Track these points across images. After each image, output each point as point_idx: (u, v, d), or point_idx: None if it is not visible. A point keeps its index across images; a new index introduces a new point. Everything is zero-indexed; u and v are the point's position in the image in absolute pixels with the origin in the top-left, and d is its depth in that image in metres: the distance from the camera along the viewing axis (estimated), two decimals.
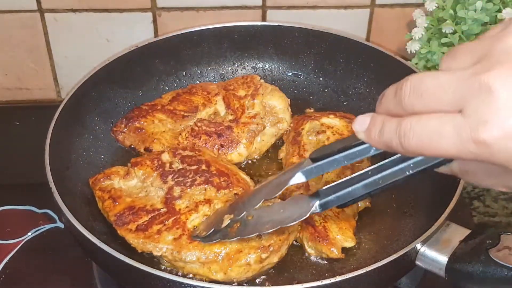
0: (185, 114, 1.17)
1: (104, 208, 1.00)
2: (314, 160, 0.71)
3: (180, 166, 1.04)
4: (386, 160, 0.67)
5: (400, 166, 0.66)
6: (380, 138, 0.58)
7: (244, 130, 1.13)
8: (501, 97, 0.49)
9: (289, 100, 1.20)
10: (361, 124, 0.61)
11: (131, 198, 1.00)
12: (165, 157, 1.06)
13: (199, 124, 1.14)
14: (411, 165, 0.65)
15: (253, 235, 0.84)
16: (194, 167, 1.03)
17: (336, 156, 0.68)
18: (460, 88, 0.51)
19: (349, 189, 0.70)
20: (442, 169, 0.66)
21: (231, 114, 1.16)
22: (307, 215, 0.75)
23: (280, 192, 0.76)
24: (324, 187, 0.73)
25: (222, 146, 1.12)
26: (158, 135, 1.14)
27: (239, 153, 1.12)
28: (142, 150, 1.14)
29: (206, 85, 1.24)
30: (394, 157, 0.66)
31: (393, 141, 0.57)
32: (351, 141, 0.66)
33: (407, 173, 0.66)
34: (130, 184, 1.03)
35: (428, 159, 0.64)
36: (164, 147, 1.12)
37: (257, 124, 1.13)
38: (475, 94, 0.50)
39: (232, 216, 0.86)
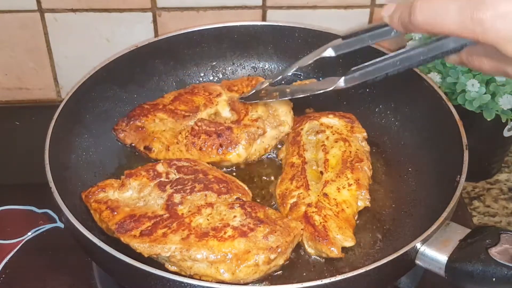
0: (186, 113, 1.17)
1: (102, 219, 0.98)
2: (344, 38, 0.85)
3: (177, 176, 1.04)
4: (403, 50, 0.80)
5: (415, 51, 0.79)
6: (398, 20, 0.71)
7: (244, 132, 1.12)
8: None
9: (292, 103, 1.20)
10: (387, 11, 0.74)
11: (129, 208, 0.98)
12: (160, 167, 1.06)
13: (199, 123, 1.14)
14: (426, 51, 0.78)
15: (288, 97, 1.05)
16: (191, 176, 1.03)
17: (363, 35, 0.83)
18: None
19: (370, 68, 0.83)
20: (452, 59, 0.78)
21: (234, 115, 1.17)
22: (333, 87, 0.90)
23: (312, 61, 0.93)
24: (351, 70, 0.85)
25: (221, 146, 1.12)
26: (158, 134, 1.14)
27: (238, 154, 1.12)
28: (141, 148, 1.14)
29: (209, 86, 1.24)
30: (409, 47, 0.80)
31: (405, 19, 0.69)
32: (375, 25, 0.82)
33: (421, 57, 0.79)
34: (126, 196, 1.02)
35: (439, 47, 0.77)
36: (164, 145, 1.13)
37: (258, 128, 1.13)
38: None
39: (271, 80, 1.08)
